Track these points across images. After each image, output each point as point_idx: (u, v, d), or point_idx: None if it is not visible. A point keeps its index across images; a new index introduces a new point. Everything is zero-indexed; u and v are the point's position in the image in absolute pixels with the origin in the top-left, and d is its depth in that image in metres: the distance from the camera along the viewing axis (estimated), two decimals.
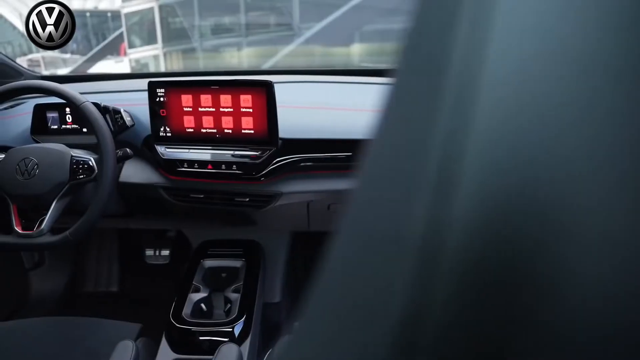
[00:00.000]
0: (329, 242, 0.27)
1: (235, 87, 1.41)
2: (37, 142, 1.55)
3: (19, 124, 1.64)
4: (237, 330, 1.35)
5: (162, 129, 1.48)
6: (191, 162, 1.47)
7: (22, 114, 1.68)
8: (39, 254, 2.14)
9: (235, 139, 1.44)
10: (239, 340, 1.33)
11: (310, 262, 1.97)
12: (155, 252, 2.22)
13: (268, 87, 1.38)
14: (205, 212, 1.61)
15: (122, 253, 2.34)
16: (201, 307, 1.46)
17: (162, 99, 1.46)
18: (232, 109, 1.42)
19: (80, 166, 1.33)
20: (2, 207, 1.39)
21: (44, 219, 1.32)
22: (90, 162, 1.32)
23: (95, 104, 1.41)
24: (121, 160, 1.40)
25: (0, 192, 1.35)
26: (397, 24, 4.80)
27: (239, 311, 1.40)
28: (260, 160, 1.43)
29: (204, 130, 1.46)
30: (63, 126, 1.59)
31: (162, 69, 6.34)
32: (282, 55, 5.00)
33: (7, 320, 1.92)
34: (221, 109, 1.43)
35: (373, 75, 1.92)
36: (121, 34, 6.14)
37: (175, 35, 6.44)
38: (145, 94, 1.50)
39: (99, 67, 5.83)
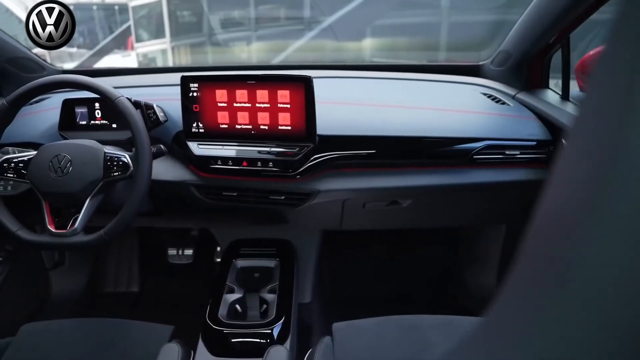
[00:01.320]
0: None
1: (273, 82, 1.38)
2: (65, 139, 1.51)
3: (44, 119, 1.60)
4: (275, 332, 1.31)
5: (194, 125, 1.45)
6: (225, 159, 1.43)
7: (47, 109, 1.65)
8: (59, 253, 2.11)
9: (271, 136, 1.41)
10: (278, 342, 1.29)
11: (342, 261, 1.94)
12: (178, 252, 2.19)
13: (307, 83, 1.35)
14: (236, 210, 1.58)
15: (142, 252, 2.30)
16: (236, 308, 1.42)
17: (195, 94, 1.42)
18: (268, 105, 1.39)
19: (115, 163, 1.29)
20: (34, 205, 1.35)
21: (78, 217, 1.28)
22: (125, 159, 1.28)
23: (127, 99, 1.37)
24: (155, 157, 1.36)
25: (33, 189, 1.30)
26: (410, 18, 4.76)
27: (277, 312, 1.36)
28: (297, 157, 1.39)
29: (238, 127, 1.42)
30: (92, 122, 1.55)
31: (170, 64, 6.28)
32: (293, 49, 4.96)
33: (30, 320, 1.90)
34: (257, 105, 1.40)
35: (410, 71, 1.90)
36: (128, 28, 6.09)
37: (183, 29, 6.39)
38: (175, 89, 1.47)
39: (106, 62, 5.78)
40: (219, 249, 2.07)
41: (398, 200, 1.55)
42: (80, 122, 1.56)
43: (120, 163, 1.28)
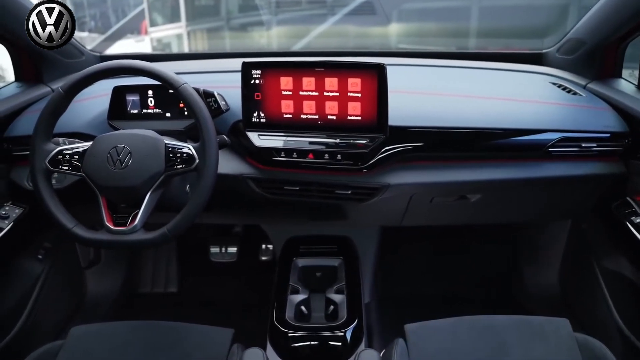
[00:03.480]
0: None
1: (343, 70, 1.33)
2: (115, 128, 1.45)
3: (90, 108, 1.55)
4: (348, 334, 1.26)
5: (255, 115, 1.39)
6: (289, 151, 1.38)
7: (93, 97, 1.59)
8: (94, 251, 2.05)
9: (339, 126, 1.36)
10: (351, 345, 1.24)
11: (393, 259, 1.89)
12: (221, 250, 2.13)
13: (380, 70, 1.30)
14: (294, 206, 1.52)
15: (181, 250, 2.24)
16: (301, 310, 1.37)
17: (257, 82, 1.37)
18: (337, 94, 1.33)
19: (178, 155, 1.22)
20: (82, 199, 1.30)
21: (137, 213, 1.22)
22: (189, 151, 1.22)
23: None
24: (219, 148, 1.30)
25: (89, 183, 1.24)
26: (438, 2, 4.68)
27: (349, 314, 1.31)
28: (368, 149, 1.33)
29: (304, 116, 1.37)
30: (144, 110, 1.50)
31: (186, 49, 6.19)
32: (315, 35, 4.88)
33: (69, 322, 1.85)
34: (325, 93, 1.34)
35: (466, 58, 1.85)
36: (142, 11, 6.00)
37: (200, 13, 6.30)
38: (232, 76, 1.41)
39: (118, 47, 5.70)
40: (264, 246, 2.02)
41: (466, 195, 1.50)
42: (132, 111, 1.50)
43: (184, 155, 1.22)
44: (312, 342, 1.25)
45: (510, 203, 1.60)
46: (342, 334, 1.27)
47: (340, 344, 1.24)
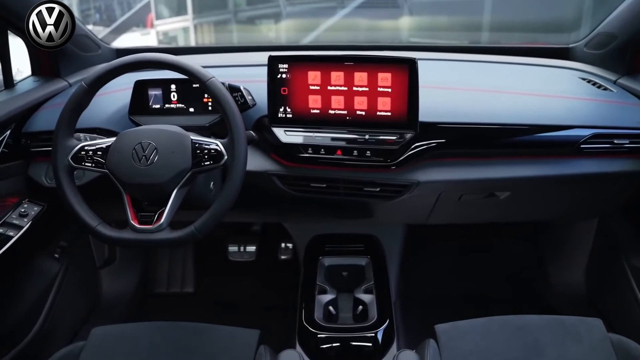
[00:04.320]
0: None
1: (373, 64, 1.31)
2: (137, 124, 1.44)
3: (110, 102, 1.53)
4: (380, 335, 1.25)
5: (281, 110, 1.38)
6: (317, 148, 1.36)
7: (111, 91, 1.57)
8: (109, 250, 2.03)
9: (368, 122, 1.34)
10: (383, 346, 1.23)
11: (416, 258, 1.87)
12: (239, 249, 2.11)
13: (411, 65, 1.28)
14: (319, 203, 1.51)
15: (197, 249, 2.22)
16: (329, 310, 1.36)
17: (284, 76, 1.35)
18: (367, 88, 1.32)
19: (205, 152, 1.20)
20: (110, 197, 1.28)
21: (163, 211, 1.20)
22: (217, 147, 1.20)
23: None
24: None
25: (112, 180, 1.22)
26: None
27: (379, 315, 1.30)
28: (398, 145, 1.31)
29: (332, 112, 1.35)
30: (166, 105, 1.48)
31: (192, 43, 6.16)
32: (324, 28, 4.85)
33: (85, 322, 1.84)
34: (354, 88, 1.33)
35: (490, 52, 1.83)
36: (148, 4, 5.96)
37: (207, 6, 6.27)
38: (258, 70, 1.40)
39: (124, 40, 5.66)
40: (283, 245, 2.01)
41: (495, 193, 1.48)
42: (154, 106, 1.49)
43: (212, 151, 1.20)
44: (343, 343, 1.24)
45: (540, 201, 1.59)
46: (373, 334, 1.25)
47: (371, 344, 1.23)
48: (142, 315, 2.05)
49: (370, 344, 1.23)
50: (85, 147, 1.24)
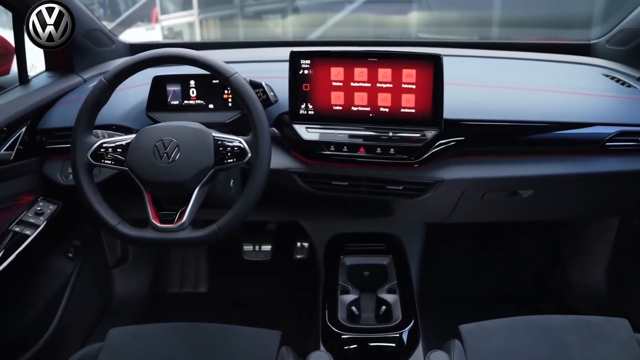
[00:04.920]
0: None
1: (397, 60, 1.31)
2: (155, 121, 1.43)
3: (126, 99, 1.52)
4: (405, 336, 1.24)
5: (302, 106, 1.37)
6: (339, 145, 1.35)
7: (128, 87, 1.54)
8: (121, 249, 2.02)
9: (391, 119, 1.33)
10: (408, 347, 1.22)
11: (433, 256, 1.86)
12: (254, 248, 2.09)
13: (436, 61, 1.27)
14: (339, 201, 1.50)
15: (211, 248, 2.21)
16: (352, 311, 1.35)
17: (306, 72, 1.35)
18: (391, 85, 1.31)
19: (228, 149, 1.19)
20: (127, 195, 1.27)
21: (185, 210, 1.19)
22: (240, 144, 1.19)
23: None
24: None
25: (132, 178, 1.21)
26: None
27: (404, 315, 1.29)
28: (422, 143, 1.30)
29: (354, 108, 1.34)
30: (185, 102, 1.47)
31: (198, 38, 6.13)
32: (332, 24, 4.83)
33: (98, 323, 1.83)
34: (378, 85, 1.32)
35: (508, 48, 1.82)
36: None
37: (212, 0, 6.24)
38: (278, 65, 1.39)
39: (128, 35, 5.63)
40: (299, 244, 2.00)
41: (518, 191, 1.48)
42: (172, 102, 1.48)
43: (235, 149, 1.19)
44: (367, 344, 1.23)
45: (563, 199, 1.58)
46: (398, 335, 1.24)
47: (396, 345, 1.22)
48: (155, 315, 2.05)
49: (395, 345, 1.22)
50: (105, 144, 1.23)
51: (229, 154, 1.19)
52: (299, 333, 1.34)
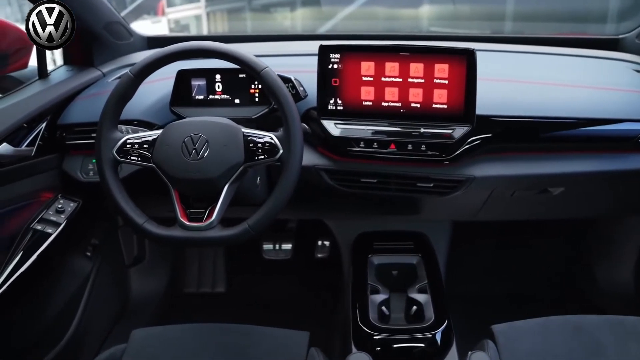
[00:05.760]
0: None
1: (430, 55, 1.29)
2: (179, 115, 1.41)
3: (148, 93, 1.51)
4: (438, 336, 1.23)
5: (331, 102, 1.35)
6: (369, 142, 1.34)
7: (150, 81, 1.52)
8: (138, 248, 2.01)
9: (423, 115, 1.32)
10: (442, 347, 1.21)
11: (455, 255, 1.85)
12: (275, 246, 2.07)
13: (469, 56, 1.26)
14: (366, 199, 1.48)
15: (229, 247, 2.19)
16: (382, 311, 1.34)
17: (335, 66, 1.33)
18: (423, 80, 1.29)
19: (259, 145, 1.17)
20: (151, 193, 1.26)
21: (214, 208, 1.17)
22: (272, 140, 1.17)
23: None
24: None
25: (159, 175, 1.19)
26: None
27: (437, 315, 1.28)
28: (454, 139, 1.29)
29: (385, 104, 1.33)
30: (210, 96, 1.45)
31: (205, 32, 6.10)
32: (341, 17, 4.80)
33: (116, 323, 1.82)
34: (409, 80, 1.31)
35: (533, 43, 1.80)
36: None
37: None
38: (305, 60, 1.38)
39: (134, 28, 5.59)
40: (320, 242, 1.98)
41: (549, 188, 1.46)
42: (197, 97, 1.46)
43: (267, 145, 1.18)
44: (400, 345, 1.22)
45: (593, 196, 1.58)
46: (432, 336, 1.23)
47: (429, 346, 1.21)
48: (173, 315, 2.03)
49: (428, 346, 1.22)
50: (130, 140, 1.22)
51: (260, 151, 1.18)
52: (324, 334, 1.32)
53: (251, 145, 1.18)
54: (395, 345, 1.22)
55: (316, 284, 2.06)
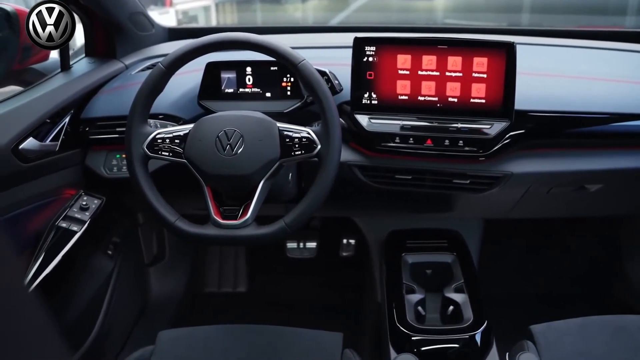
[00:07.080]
0: None
1: (468, 48, 1.28)
2: (208, 109, 1.40)
3: (175, 86, 1.47)
4: (478, 337, 1.22)
5: (366, 96, 1.34)
6: (404, 137, 1.32)
7: (177, 73, 1.51)
8: (158, 246, 1.99)
9: (460, 109, 1.31)
10: (482, 349, 1.20)
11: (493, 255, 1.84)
12: (299, 245, 2.04)
13: (509, 49, 1.25)
14: (398, 196, 1.47)
15: (251, 246, 2.18)
16: (418, 311, 1.32)
17: (370, 59, 1.31)
18: (461, 74, 1.28)
19: (295, 140, 1.16)
20: (179, 189, 1.24)
21: (248, 205, 1.16)
22: (309, 135, 1.16)
23: None
24: None
25: (191, 170, 1.18)
26: None
27: (475, 316, 1.26)
28: (493, 135, 1.27)
29: (421, 98, 1.31)
30: (240, 90, 1.43)
31: (214, 23, 6.07)
32: (354, 9, 4.78)
33: (136, 323, 1.81)
34: (447, 73, 1.29)
35: (564, 36, 1.78)
36: None
37: None
38: (339, 52, 1.36)
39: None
40: (345, 241, 1.96)
41: (586, 185, 1.45)
42: (226, 90, 1.44)
43: (304, 140, 1.16)
44: (440, 346, 1.21)
45: (630, 194, 1.56)
46: (471, 336, 1.22)
47: (469, 347, 1.20)
48: (195, 316, 2.02)
49: (469, 347, 1.20)
50: (161, 135, 1.20)
51: (297, 146, 1.16)
52: (351, 334, 1.31)
53: (287, 140, 1.17)
54: (435, 347, 1.21)
55: (341, 283, 2.05)
